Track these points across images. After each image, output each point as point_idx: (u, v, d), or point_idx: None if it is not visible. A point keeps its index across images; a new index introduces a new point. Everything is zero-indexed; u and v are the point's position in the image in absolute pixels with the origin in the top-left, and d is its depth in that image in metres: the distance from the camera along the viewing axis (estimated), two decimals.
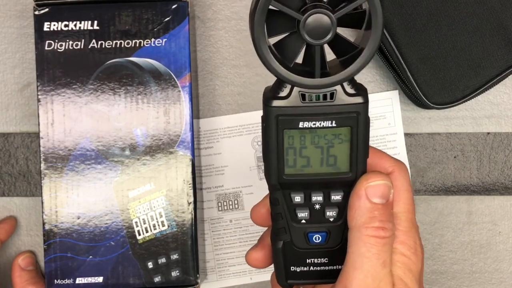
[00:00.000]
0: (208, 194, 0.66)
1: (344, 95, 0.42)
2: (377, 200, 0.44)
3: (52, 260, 0.59)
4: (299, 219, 0.46)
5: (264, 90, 0.44)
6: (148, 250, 0.59)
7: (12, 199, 0.66)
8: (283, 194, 0.45)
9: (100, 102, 0.59)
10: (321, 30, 0.40)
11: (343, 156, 0.44)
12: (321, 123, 0.42)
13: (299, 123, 0.42)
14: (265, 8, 0.40)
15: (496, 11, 0.61)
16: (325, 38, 0.40)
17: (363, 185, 0.44)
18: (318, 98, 0.42)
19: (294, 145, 0.43)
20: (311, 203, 0.45)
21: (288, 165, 0.44)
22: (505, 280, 0.67)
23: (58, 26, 0.59)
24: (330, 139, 0.43)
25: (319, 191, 0.45)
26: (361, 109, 0.42)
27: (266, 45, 0.41)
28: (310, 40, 0.40)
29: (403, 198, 0.46)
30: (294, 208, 0.46)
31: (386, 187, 0.44)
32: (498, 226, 0.66)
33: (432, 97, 0.62)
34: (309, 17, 0.39)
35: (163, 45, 0.59)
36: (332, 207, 0.45)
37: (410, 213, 0.46)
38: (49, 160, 0.59)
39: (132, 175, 0.59)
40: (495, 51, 0.62)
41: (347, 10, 0.40)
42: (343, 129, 0.43)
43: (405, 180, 0.47)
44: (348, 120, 0.42)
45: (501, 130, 0.66)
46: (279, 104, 0.42)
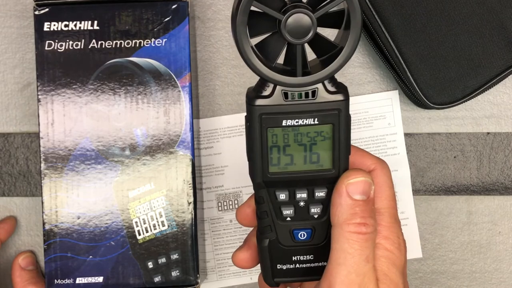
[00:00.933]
0: (208, 194, 0.66)
1: (326, 93, 0.43)
2: (358, 197, 0.44)
3: (52, 260, 0.59)
4: (284, 216, 0.47)
5: (247, 90, 0.45)
6: (148, 250, 0.59)
7: (12, 199, 0.66)
8: (268, 192, 0.46)
9: (100, 102, 0.59)
10: (301, 29, 0.41)
11: (325, 153, 0.45)
12: (303, 120, 0.43)
13: (282, 121, 0.43)
14: (247, 9, 0.41)
15: (496, 11, 0.61)
16: (306, 38, 0.41)
17: (344, 182, 0.45)
18: (300, 96, 0.43)
19: (277, 143, 0.44)
20: (295, 200, 0.46)
21: (272, 163, 0.45)
22: (505, 280, 0.67)
23: (58, 26, 0.59)
24: (313, 136, 0.44)
25: (303, 188, 0.46)
26: (342, 106, 0.43)
27: (248, 45, 0.42)
28: (291, 39, 0.41)
29: (385, 194, 0.47)
30: (279, 206, 0.46)
31: (367, 183, 0.45)
32: (498, 226, 0.66)
33: (432, 97, 0.62)
34: (289, 17, 0.41)
35: (163, 45, 0.59)
36: (316, 204, 0.46)
37: (392, 209, 0.47)
38: (49, 160, 0.59)
39: (132, 175, 0.59)
40: (495, 51, 0.62)
41: (327, 9, 0.41)
42: (325, 127, 0.44)
43: (387, 177, 0.47)
44: (329, 117, 0.43)
45: (501, 130, 0.66)
46: (262, 103, 0.43)
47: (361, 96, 0.66)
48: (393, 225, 0.46)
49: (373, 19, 0.61)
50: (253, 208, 0.49)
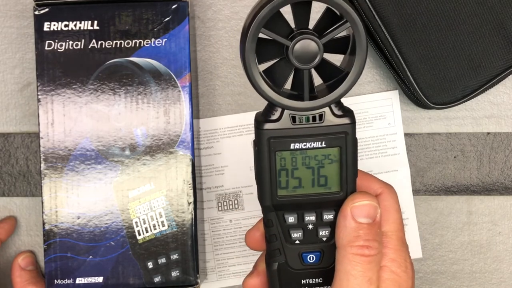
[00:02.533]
0: (208, 194, 0.66)
1: (332, 116, 0.44)
2: (362, 220, 0.45)
3: (52, 260, 0.59)
4: (293, 239, 0.47)
5: (256, 114, 0.46)
6: (148, 250, 0.59)
7: (12, 199, 0.66)
8: (276, 215, 0.46)
9: (100, 102, 0.59)
10: (308, 55, 0.42)
11: (333, 176, 0.45)
12: (311, 144, 0.44)
13: (290, 145, 0.44)
14: (255, 36, 0.42)
15: (496, 11, 0.61)
16: (313, 63, 0.42)
17: (349, 205, 0.45)
18: (308, 120, 0.44)
19: (286, 166, 0.45)
20: (304, 223, 0.46)
21: (280, 186, 0.45)
22: (505, 280, 0.67)
23: (58, 26, 0.59)
24: (321, 159, 0.45)
25: (312, 211, 0.46)
26: (349, 130, 0.44)
27: (257, 71, 0.43)
28: (298, 65, 0.42)
29: (392, 217, 0.47)
30: (288, 229, 0.47)
31: (372, 207, 0.45)
32: (498, 226, 0.66)
33: (432, 97, 0.62)
34: (297, 43, 0.42)
35: (163, 45, 0.59)
36: (325, 227, 0.47)
37: (399, 232, 0.47)
38: (49, 160, 0.59)
39: (132, 175, 0.59)
40: (495, 51, 0.62)
41: (333, 35, 0.42)
42: (332, 150, 0.45)
43: (394, 201, 0.48)
44: (337, 140, 0.44)
45: (501, 130, 0.66)
46: (270, 127, 0.44)
47: (361, 96, 0.66)
48: (400, 248, 0.47)
49: (373, 19, 0.61)
50: (262, 231, 0.49)
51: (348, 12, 0.41)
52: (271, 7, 0.41)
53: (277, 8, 0.41)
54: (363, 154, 0.65)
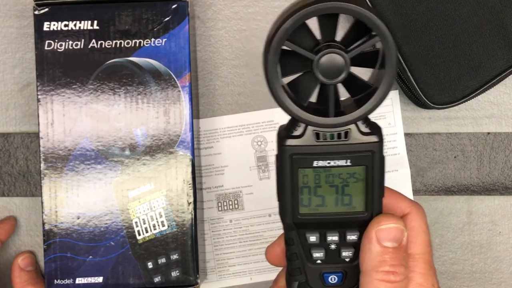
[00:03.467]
0: (208, 194, 0.66)
1: (359, 134, 0.42)
2: (388, 244, 0.43)
3: (52, 260, 0.59)
4: (315, 259, 0.45)
5: (278, 129, 0.43)
6: (148, 250, 0.59)
7: (12, 199, 0.66)
8: (298, 233, 0.45)
9: (100, 102, 0.59)
10: (334, 69, 0.40)
11: (358, 195, 0.43)
12: (335, 162, 0.42)
13: (313, 162, 0.42)
14: (278, 49, 0.39)
15: (496, 11, 0.61)
16: (339, 78, 0.40)
17: (374, 228, 0.43)
18: (332, 137, 0.42)
19: (308, 184, 0.43)
20: (326, 243, 0.45)
21: (302, 204, 0.43)
22: (505, 280, 0.67)
23: (58, 26, 0.58)
24: (345, 178, 0.43)
25: (335, 230, 0.44)
26: (376, 148, 0.42)
27: (280, 85, 0.40)
28: (323, 79, 0.40)
29: (420, 239, 0.45)
30: (309, 248, 0.45)
31: (398, 230, 0.43)
32: (498, 226, 0.66)
33: (432, 97, 0.62)
34: (322, 57, 0.39)
35: (163, 45, 0.59)
36: (348, 247, 0.45)
37: (427, 255, 0.45)
38: (49, 160, 0.59)
39: (132, 175, 0.59)
40: (495, 51, 0.62)
41: (361, 49, 0.40)
42: (358, 168, 0.42)
43: (422, 222, 0.46)
44: (363, 159, 0.42)
45: (501, 130, 0.66)
46: (293, 143, 0.42)
47: None
48: (428, 272, 0.45)
49: None
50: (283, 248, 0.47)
51: (378, 26, 0.39)
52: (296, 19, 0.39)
53: (303, 20, 0.39)
54: None
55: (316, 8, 0.39)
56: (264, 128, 0.65)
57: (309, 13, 0.39)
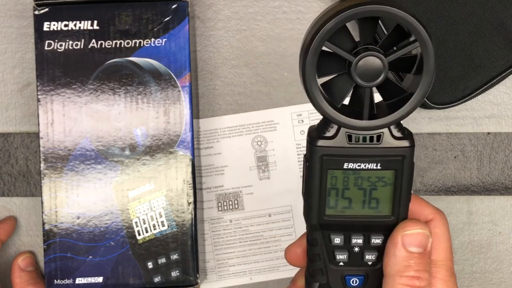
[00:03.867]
0: (208, 194, 0.66)
1: (391, 138, 0.42)
2: (413, 249, 0.43)
3: (52, 260, 0.59)
4: (338, 261, 0.45)
5: (309, 129, 0.43)
6: (148, 250, 0.59)
7: (12, 199, 0.66)
8: (322, 235, 0.45)
9: (100, 102, 0.59)
10: (372, 72, 0.40)
11: (385, 199, 0.43)
12: (366, 165, 0.42)
13: (344, 164, 0.42)
14: (318, 49, 0.39)
15: (496, 11, 0.61)
16: (376, 81, 0.40)
17: (400, 233, 0.43)
18: (365, 139, 0.42)
19: (337, 185, 0.43)
20: (350, 245, 0.45)
21: (329, 205, 0.44)
22: (505, 280, 0.67)
23: (58, 26, 0.58)
24: (374, 181, 0.43)
25: (359, 233, 0.45)
26: (407, 153, 0.42)
27: (316, 86, 0.40)
28: (360, 82, 0.40)
29: (442, 246, 0.46)
30: (333, 250, 0.45)
31: (424, 236, 0.44)
32: (498, 226, 0.66)
33: (432, 97, 0.62)
34: (361, 60, 0.39)
35: (163, 45, 0.59)
36: (372, 251, 0.45)
37: (449, 262, 0.46)
38: (49, 160, 0.59)
39: (132, 175, 0.59)
40: (495, 51, 0.62)
41: (400, 54, 0.40)
42: (387, 172, 0.43)
43: (445, 229, 0.47)
44: (393, 163, 0.42)
45: (501, 130, 0.66)
46: (325, 144, 0.42)
47: None
48: (449, 279, 0.45)
49: None
50: (304, 248, 0.47)
51: (418, 31, 0.39)
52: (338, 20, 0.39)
53: (344, 22, 0.39)
54: None
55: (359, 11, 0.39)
56: (264, 128, 0.65)
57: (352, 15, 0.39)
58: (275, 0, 0.65)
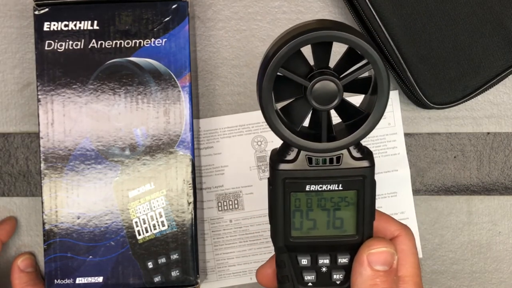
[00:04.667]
0: (208, 194, 0.66)
1: (350, 159, 0.43)
2: (379, 267, 0.44)
3: (52, 260, 0.59)
4: (306, 282, 0.46)
5: (271, 152, 0.44)
6: (148, 250, 0.59)
7: (12, 199, 0.66)
8: (289, 256, 0.45)
9: (100, 102, 0.59)
10: (327, 96, 0.40)
11: (349, 219, 0.44)
12: (327, 186, 0.43)
13: (306, 186, 0.43)
14: (273, 75, 0.40)
15: (496, 11, 0.61)
16: (332, 104, 0.41)
17: (365, 252, 0.44)
18: (325, 161, 0.43)
19: (300, 207, 0.44)
20: (317, 266, 0.45)
21: (294, 227, 0.44)
22: (505, 280, 0.67)
23: (58, 26, 0.59)
24: (337, 202, 0.44)
25: (326, 254, 0.45)
26: (367, 173, 0.43)
27: (273, 110, 0.41)
28: (317, 105, 0.41)
29: (409, 262, 0.46)
30: (301, 271, 0.46)
31: (389, 254, 0.44)
32: (498, 226, 0.66)
33: (432, 97, 0.62)
34: (316, 84, 0.40)
35: (163, 45, 0.59)
36: (339, 270, 0.45)
37: (416, 277, 0.46)
38: (49, 160, 0.59)
39: (132, 175, 0.59)
40: (495, 51, 0.62)
41: (354, 77, 0.41)
42: (349, 192, 0.43)
43: (411, 244, 0.47)
44: (354, 183, 0.43)
45: (501, 130, 0.66)
46: (286, 167, 0.43)
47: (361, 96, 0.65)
48: None
49: (373, 19, 0.61)
50: (274, 269, 0.48)
51: (370, 54, 0.40)
52: (291, 47, 0.39)
53: (297, 48, 0.40)
54: None
55: (310, 37, 0.39)
56: (264, 128, 0.65)
57: (304, 41, 0.39)
58: (275, 0, 0.65)
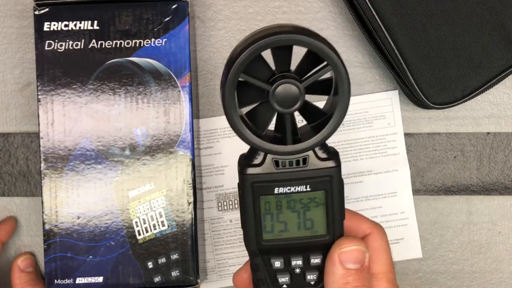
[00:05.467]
0: (208, 194, 0.66)
1: (316, 159, 0.43)
2: (350, 266, 0.44)
3: (52, 260, 0.59)
4: (280, 284, 0.46)
5: (239, 157, 0.45)
6: (148, 250, 0.59)
7: (12, 199, 0.66)
8: (263, 260, 0.46)
9: (100, 102, 0.59)
10: (290, 99, 0.41)
11: (319, 219, 0.44)
12: (295, 188, 0.43)
13: (274, 189, 0.43)
14: (235, 80, 0.40)
15: (496, 11, 0.61)
16: (294, 107, 0.41)
17: (337, 251, 0.44)
18: (291, 164, 0.43)
19: (270, 210, 0.44)
20: (291, 267, 0.46)
21: (266, 230, 0.45)
22: (505, 280, 0.67)
23: (58, 26, 0.59)
24: (306, 203, 0.44)
25: (299, 255, 0.45)
26: (334, 173, 0.43)
27: (237, 115, 0.42)
28: (280, 109, 0.41)
29: (382, 258, 0.47)
30: (275, 273, 0.46)
31: (360, 252, 0.44)
32: (498, 226, 0.66)
33: (432, 97, 0.62)
34: (277, 88, 0.41)
35: (163, 45, 0.59)
36: (312, 271, 0.46)
37: (390, 273, 0.47)
38: (49, 160, 0.59)
39: (132, 175, 0.59)
40: (495, 51, 0.62)
41: (314, 79, 0.41)
42: (317, 193, 0.44)
43: (383, 241, 0.47)
44: (321, 184, 0.43)
45: (501, 130, 0.66)
46: (253, 171, 0.43)
47: (361, 96, 0.66)
48: None
49: (373, 19, 0.61)
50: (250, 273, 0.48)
51: (329, 56, 0.40)
52: (251, 51, 0.40)
53: (257, 52, 0.40)
54: (363, 154, 0.65)
55: (269, 41, 0.40)
56: None
57: (263, 46, 0.40)
58: (275, 0, 0.65)
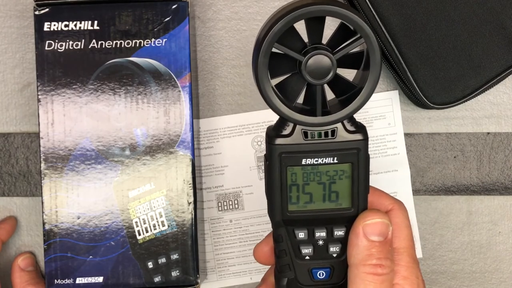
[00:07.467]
0: (208, 194, 0.66)
1: (345, 132, 0.44)
2: (374, 238, 0.44)
3: (52, 260, 0.59)
4: (303, 255, 0.46)
5: (267, 129, 0.45)
6: (148, 250, 0.59)
7: (12, 199, 0.66)
8: (286, 230, 0.46)
9: (100, 102, 0.59)
10: (321, 70, 0.42)
11: (344, 192, 0.45)
12: (323, 159, 0.44)
13: (302, 160, 0.44)
14: (268, 51, 0.41)
15: (496, 11, 0.61)
16: (326, 78, 0.42)
17: (361, 223, 0.45)
18: (320, 135, 0.43)
19: (297, 182, 0.44)
20: (314, 239, 0.46)
21: (291, 201, 0.45)
22: (505, 280, 0.67)
23: (58, 26, 0.59)
24: (332, 175, 0.44)
25: (322, 227, 0.46)
26: (361, 146, 0.44)
27: (269, 86, 0.42)
28: (311, 80, 0.42)
29: (403, 234, 0.47)
30: (298, 245, 0.46)
31: (384, 225, 0.45)
32: (498, 226, 0.66)
33: (432, 97, 0.62)
34: (310, 59, 0.41)
35: (163, 45, 0.59)
36: (335, 243, 0.46)
37: (411, 249, 0.47)
38: (49, 160, 0.59)
39: (132, 175, 0.59)
40: (495, 51, 0.62)
41: (346, 51, 0.42)
42: (344, 166, 0.44)
43: (405, 217, 0.48)
44: (349, 156, 0.44)
45: (501, 130, 0.66)
46: (282, 142, 0.43)
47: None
48: (412, 265, 0.46)
49: (373, 19, 0.61)
50: (271, 246, 0.49)
51: (362, 27, 0.41)
52: (285, 22, 0.40)
53: (291, 23, 0.41)
54: None
55: (303, 12, 0.40)
56: (264, 128, 0.65)
57: (297, 16, 0.40)
58: (275, 0, 0.65)
